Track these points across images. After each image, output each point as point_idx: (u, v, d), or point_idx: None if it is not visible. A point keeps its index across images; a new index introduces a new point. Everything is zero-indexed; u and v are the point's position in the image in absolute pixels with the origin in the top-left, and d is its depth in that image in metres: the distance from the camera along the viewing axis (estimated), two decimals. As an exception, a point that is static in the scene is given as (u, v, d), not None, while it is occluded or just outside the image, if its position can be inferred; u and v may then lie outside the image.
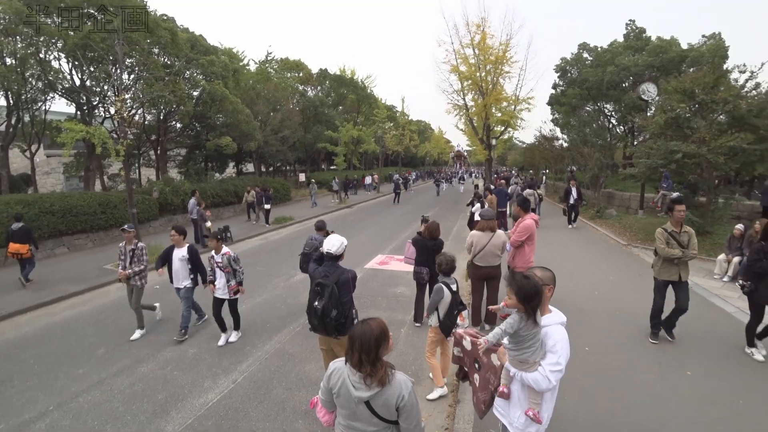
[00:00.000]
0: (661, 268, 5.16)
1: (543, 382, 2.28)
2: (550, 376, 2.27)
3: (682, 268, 5.08)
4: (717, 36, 21.47)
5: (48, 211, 11.28)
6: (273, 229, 15.46)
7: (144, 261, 6.05)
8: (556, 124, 30.07)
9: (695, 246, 5.04)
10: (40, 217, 11.04)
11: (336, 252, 3.66)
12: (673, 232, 5.07)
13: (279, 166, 34.51)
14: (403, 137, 40.93)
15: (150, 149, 21.32)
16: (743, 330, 5.07)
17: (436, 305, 4.13)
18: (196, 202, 12.26)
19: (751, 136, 9.12)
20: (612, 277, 8.38)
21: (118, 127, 10.60)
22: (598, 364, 4.77)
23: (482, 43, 21.98)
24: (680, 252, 4.94)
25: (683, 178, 11.55)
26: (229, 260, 5.46)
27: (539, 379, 2.29)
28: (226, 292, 5.45)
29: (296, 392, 4.44)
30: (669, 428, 3.66)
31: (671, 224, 5.13)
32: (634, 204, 16.08)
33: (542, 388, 2.30)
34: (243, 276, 5.62)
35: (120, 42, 10.30)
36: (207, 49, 19.06)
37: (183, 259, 5.83)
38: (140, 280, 6.01)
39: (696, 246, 5.05)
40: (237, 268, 5.52)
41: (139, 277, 5.99)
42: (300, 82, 35.69)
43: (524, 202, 6.12)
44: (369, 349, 1.98)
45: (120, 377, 4.84)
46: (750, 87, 10.36)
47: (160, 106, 17.60)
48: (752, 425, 3.68)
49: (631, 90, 20.15)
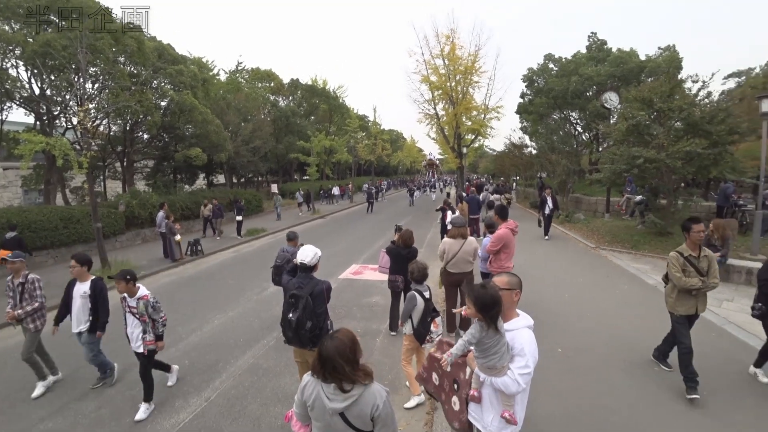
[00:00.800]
0: (677, 301, 4.27)
1: (512, 385, 2.31)
2: (519, 380, 2.30)
3: (700, 300, 4.25)
4: (672, 48, 22.78)
5: (4, 226, 10.67)
6: (245, 241, 15.17)
7: (38, 297, 4.76)
8: (525, 132, 30.94)
9: (716, 273, 4.19)
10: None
11: (310, 263, 3.62)
12: (691, 256, 4.19)
13: (251, 177, 33.97)
14: (376, 146, 41.16)
15: (116, 161, 20.55)
16: (707, 325, 5.25)
17: (409, 313, 4.14)
18: (165, 215, 11.90)
19: (705, 141, 9.63)
20: (581, 279, 8.64)
21: (81, 138, 10.19)
22: (571, 364, 4.89)
23: (452, 54, 22.51)
24: (699, 281, 4.09)
25: (645, 182, 12.07)
26: (146, 306, 4.23)
27: (509, 383, 2.32)
28: (140, 345, 4.23)
29: (272, 407, 4.33)
30: (639, 425, 3.78)
31: (687, 247, 4.25)
32: (601, 208, 16.70)
33: (512, 391, 2.33)
34: (164, 328, 4.40)
35: (83, 50, 9.96)
36: (175, 59, 18.67)
37: (85, 296, 4.65)
38: (34, 322, 4.71)
39: (717, 273, 4.21)
40: (157, 318, 4.30)
41: (33, 318, 4.70)
42: (271, 92, 35.46)
43: (501, 210, 6.24)
44: (343, 362, 1.96)
45: (84, 401, 4.59)
46: (703, 95, 10.98)
47: (127, 116, 17.05)
48: (715, 415, 3.84)
49: (594, 99, 20.98)
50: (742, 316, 6.15)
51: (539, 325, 3.50)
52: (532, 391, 4.23)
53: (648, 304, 6.87)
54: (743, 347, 5.28)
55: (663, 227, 11.06)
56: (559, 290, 7.82)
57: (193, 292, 8.81)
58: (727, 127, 9.82)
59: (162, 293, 8.78)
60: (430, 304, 4.22)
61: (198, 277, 10.21)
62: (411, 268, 4.36)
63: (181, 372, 5.14)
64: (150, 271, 10.60)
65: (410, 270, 4.37)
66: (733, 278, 8.05)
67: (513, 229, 5.96)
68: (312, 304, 3.51)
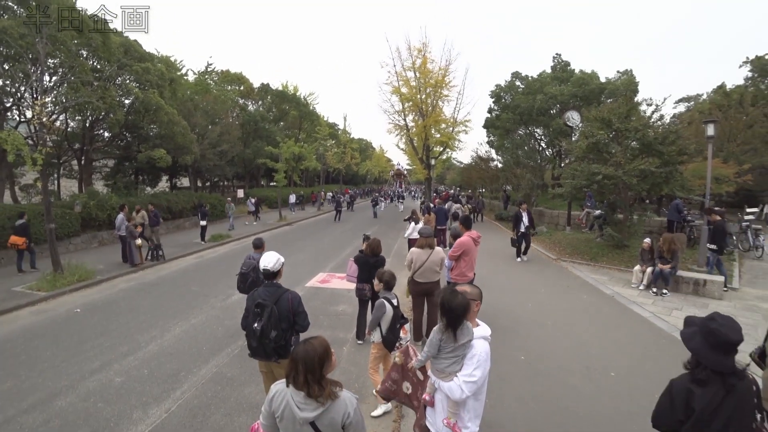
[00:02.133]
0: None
1: (456, 391, 2.38)
2: (463, 386, 2.36)
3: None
4: (629, 72, 24.30)
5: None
6: (209, 246, 14.72)
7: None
8: (492, 146, 31.83)
9: None
10: None
11: (273, 268, 3.57)
12: None
13: (216, 181, 33.06)
14: (345, 155, 41.17)
15: (72, 159, 19.53)
16: (658, 332, 5.60)
17: (378, 321, 4.17)
18: (125, 217, 11.41)
19: (658, 160, 10.28)
20: (543, 289, 8.96)
21: (36, 132, 9.63)
22: (533, 371, 5.06)
23: (423, 67, 22.96)
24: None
25: (604, 197, 12.70)
26: None
27: (453, 388, 2.39)
28: None
29: (236, 417, 4.23)
30: (599, 426, 3.97)
31: None
32: (562, 221, 17.39)
33: (456, 397, 2.39)
34: None
35: (42, 40, 9.44)
36: (142, 56, 18.02)
37: None
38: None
39: None
40: None
41: None
42: (241, 95, 34.79)
43: (466, 220, 6.41)
44: (313, 369, 1.97)
45: (31, 414, 4.30)
46: (656, 118, 11.77)
47: (87, 112, 16.31)
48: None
49: (558, 116, 21.93)
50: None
51: (503, 332, 3.60)
52: (497, 395, 4.38)
53: (605, 313, 7.23)
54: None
55: (620, 240, 11.65)
56: (521, 299, 8.08)
57: (154, 299, 8.46)
58: (677, 148, 10.52)
59: (120, 299, 8.43)
60: (399, 311, 4.27)
61: (159, 283, 9.82)
62: (379, 275, 4.38)
63: (140, 382, 4.93)
64: (107, 275, 10.10)
65: (378, 276, 4.39)
66: (681, 288, 8.59)
67: (475, 238, 6.10)
68: (278, 313, 3.46)
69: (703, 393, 1.97)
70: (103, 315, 7.35)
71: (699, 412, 1.96)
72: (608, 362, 5.29)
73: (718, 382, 1.96)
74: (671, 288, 8.53)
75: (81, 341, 6.16)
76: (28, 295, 8.39)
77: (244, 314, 3.66)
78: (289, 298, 3.53)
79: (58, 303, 8.21)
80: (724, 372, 1.96)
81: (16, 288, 8.86)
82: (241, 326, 3.68)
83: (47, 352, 5.71)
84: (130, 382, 4.94)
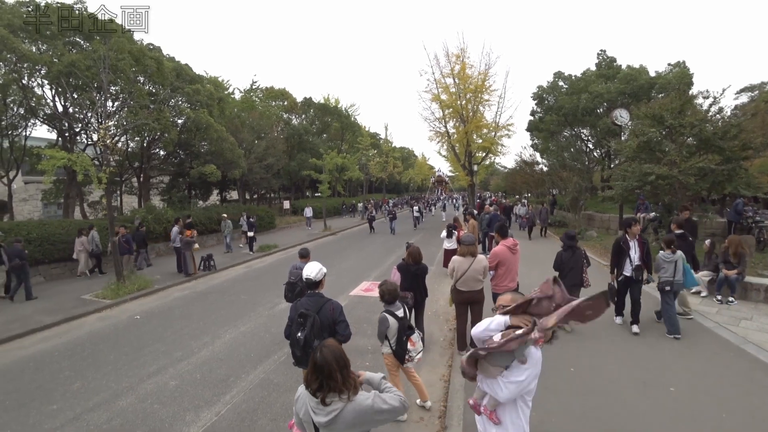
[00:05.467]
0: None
1: (497, 389, 2.34)
2: (503, 386, 2.32)
3: None
4: (682, 64, 22.78)
5: (24, 239, 10.99)
6: (257, 256, 15.31)
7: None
8: (536, 149, 30.99)
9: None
10: (15, 244, 10.70)
11: (315, 278, 3.65)
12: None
13: (263, 193, 34.43)
14: (387, 164, 41.46)
15: (132, 176, 21.11)
16: (724, 344, 5.15)
17: (384, 334, 4.13)
18: (179, 230, 12.12)
19: (718, 157, 9.56)
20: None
21: (100, 154, 10.51)
22: (583, 385, 4.81)
23: (462, 73, 22.79)
24: None
25: (658, 198, 11.95)
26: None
27: (495, 386, 2.35)
28: None
29: (281, 423, 4.34)
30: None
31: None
32: (614, 225, 16.49)
33: (496, 394, 2.35)
34: None
35: (105, 70, 10.35)
36: (192, 78, 19.25)
37: None
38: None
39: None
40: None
41: None
42: (285, 110, 36.18)
43: (501, 228, 6.19)
44: (342, 367, 2.05)
45: (96, 412, 4.66)
46: (714, 111, 10.93)
47: (144, 133, 17.58)
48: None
49: (605, 116, 20.99)
50: (762, 336, 6.00)
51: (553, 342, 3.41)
52: (544, 409, 4.19)
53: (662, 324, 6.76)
54: (764, 368, 5.12)
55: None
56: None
57: (205, 307, 8.90)
58: (740, 142, 9.74)
59: (175, 307, 8.93)
60: (405, 322, 4.18)
61: (210, 292, 10.32)
62: (381, 290, 4.26)
63: (193, 386, 5.19)
64: (163, 285, 10.76)
65: (380, 292, 4.26)
66: (751, 296, 7.86)
67: (511, 247, 5.84)
68: (320, 322, 3.52)
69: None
70: (159, 322, 7.85)
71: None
72: (667, 377, 4.92)
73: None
74: (738, 295, 7.83)
75: (140, 346, 6.60)
76: (95, 303, 9.13)
77: (288, 323, 3.74)
78: (330, 308, 3.58)
79: (121, 310, 8.85)
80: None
81: (84, 296, 9.64)
82: (285, 335, 3.76)
83: (110, 355, 6.15)
84: (184, 386, 5.22)
